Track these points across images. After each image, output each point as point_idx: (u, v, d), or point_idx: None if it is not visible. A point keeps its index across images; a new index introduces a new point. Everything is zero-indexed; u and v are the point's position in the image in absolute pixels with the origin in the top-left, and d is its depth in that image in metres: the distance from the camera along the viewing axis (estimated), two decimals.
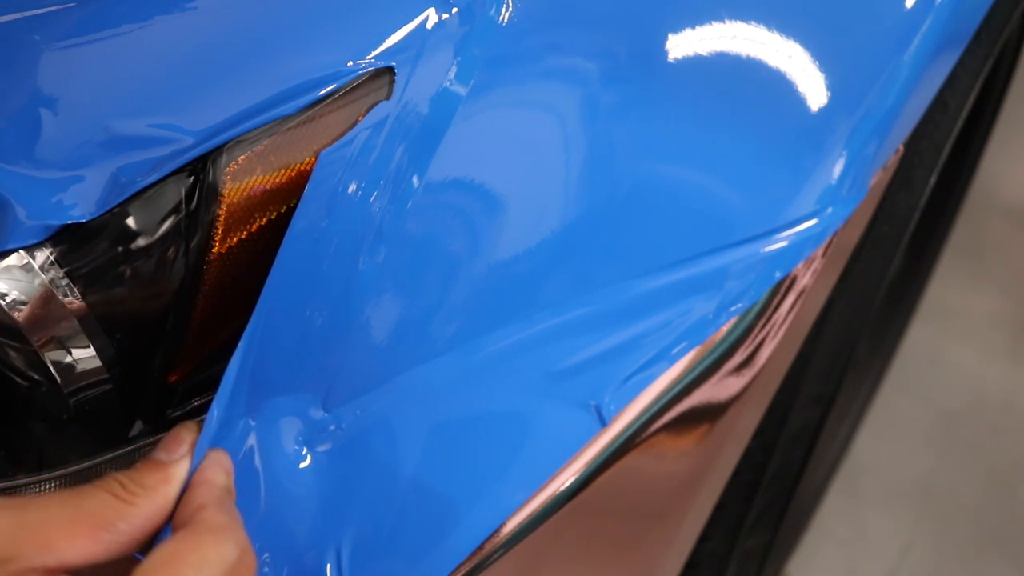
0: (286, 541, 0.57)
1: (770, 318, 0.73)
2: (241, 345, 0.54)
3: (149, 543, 0.48)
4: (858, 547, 1.45)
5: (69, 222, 0.52)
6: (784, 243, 0.70)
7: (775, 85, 0.69)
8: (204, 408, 0.58)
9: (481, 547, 0.60)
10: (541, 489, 0.62)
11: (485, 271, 0.56)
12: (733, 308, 0.70)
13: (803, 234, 0.71)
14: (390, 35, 0.55)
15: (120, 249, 0.54)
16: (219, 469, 0.52)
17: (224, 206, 0.54)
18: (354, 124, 0.56)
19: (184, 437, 0.51)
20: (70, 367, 0.55)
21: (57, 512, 0.46)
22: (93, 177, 0.52)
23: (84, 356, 0.55)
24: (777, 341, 0.76)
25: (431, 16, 0.55)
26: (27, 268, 0.53)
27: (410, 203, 0.57)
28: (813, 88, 0.70)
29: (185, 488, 0.50)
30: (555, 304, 0.63)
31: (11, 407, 0.56)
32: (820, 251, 0.74)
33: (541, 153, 0.61)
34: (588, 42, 0.62)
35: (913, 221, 0.94)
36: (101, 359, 0.55)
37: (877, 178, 0.79)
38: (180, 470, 0.50)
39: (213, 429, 0.53)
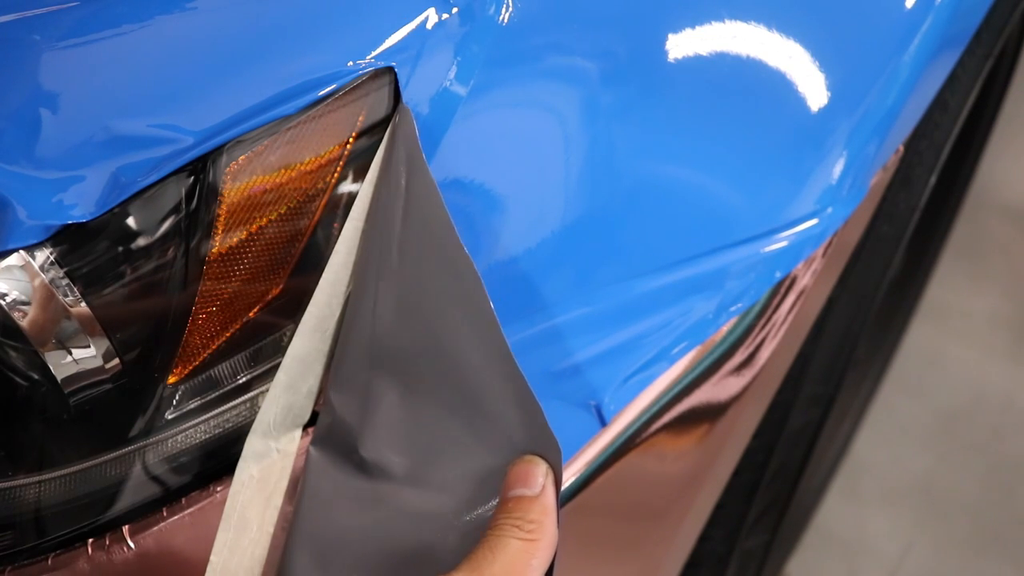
0: None
1: (770, 318, 0.73)
2: None
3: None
4: (858, 547, 1.45)
5: (69, 222, 0.52)
6: (784, 243, 0.70)
7: (775, 85, 0.69)
8: (204, 408, 0.58)
9: None
10: None
11: (485, 271, 0.56)
12: (733, 308, 0.70)
13: (803, 234, 0.71)
14: (390, 35, 0.55)
15: (120, 249, 0.54)
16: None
17: (224, 206, 0.54)
18: (354, 124, 0.56)
19: (534, 471, 0.53)
20: (70, 367, 0.55)
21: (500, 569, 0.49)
22: (93, 177, 0.52)
23: (84, 356, 0.55)
24: (777, 341, 0.76)
25: (431, 16, 0.55)
26: (27, 268, 0.53)
27: None
28: (813, 88, 0.70)
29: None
30: (555, 304, 0.63)
31: (11, 407, 0.56)
32: (820, 251, 0.74)
33: (541, 153, 0.61)
34: (588, 42, 0.62)
35: (913, 221, 0.94)
36: (101, 359, 0.55)
37: (877, 178, 0.79)
38: (550, 500, 0.52)
39: None
